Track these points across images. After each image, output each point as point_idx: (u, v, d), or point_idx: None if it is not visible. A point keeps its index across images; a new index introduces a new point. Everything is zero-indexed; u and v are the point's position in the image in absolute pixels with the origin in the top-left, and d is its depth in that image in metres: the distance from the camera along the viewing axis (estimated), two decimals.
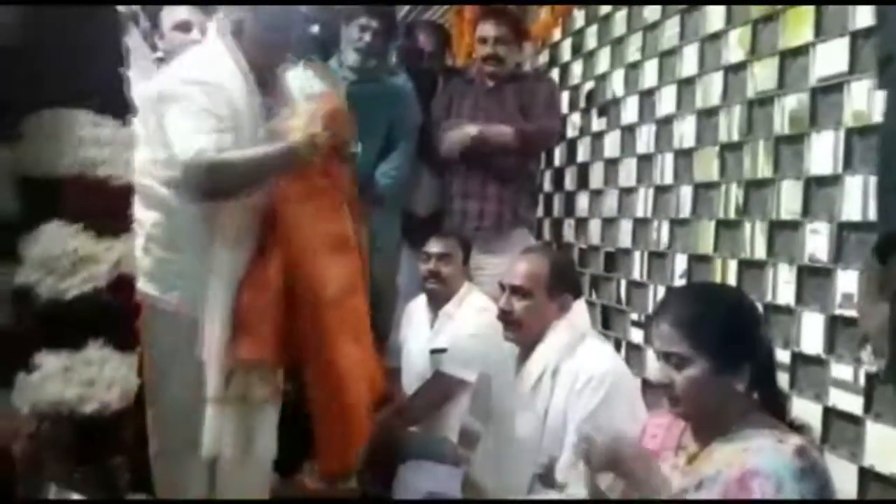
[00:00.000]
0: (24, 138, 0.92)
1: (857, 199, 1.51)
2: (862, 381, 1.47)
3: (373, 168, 2.55)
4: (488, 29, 2.63)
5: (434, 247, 2.32)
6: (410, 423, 2.23)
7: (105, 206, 0.96)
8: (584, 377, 1.63)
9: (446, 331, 2.24)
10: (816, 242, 1.61)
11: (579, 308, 1.84)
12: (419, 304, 2.40)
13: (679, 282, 2.10)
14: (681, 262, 2.10)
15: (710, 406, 1.16)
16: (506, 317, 1.79)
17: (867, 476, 1.44)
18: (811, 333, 1.60)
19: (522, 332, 1.76)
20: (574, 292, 1.84)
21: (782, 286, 1.69)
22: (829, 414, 1.54)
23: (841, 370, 1.52)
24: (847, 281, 1.52)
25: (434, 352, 2.23)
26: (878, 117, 1.47)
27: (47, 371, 0.91)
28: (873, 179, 1.46)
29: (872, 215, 1.47)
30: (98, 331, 0.92)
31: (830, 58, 1.58)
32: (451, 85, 2.81)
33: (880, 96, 1.44)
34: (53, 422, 0.90)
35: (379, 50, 2.53)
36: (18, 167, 0.91)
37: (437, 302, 2.31)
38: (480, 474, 1.83)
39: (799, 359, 1.63)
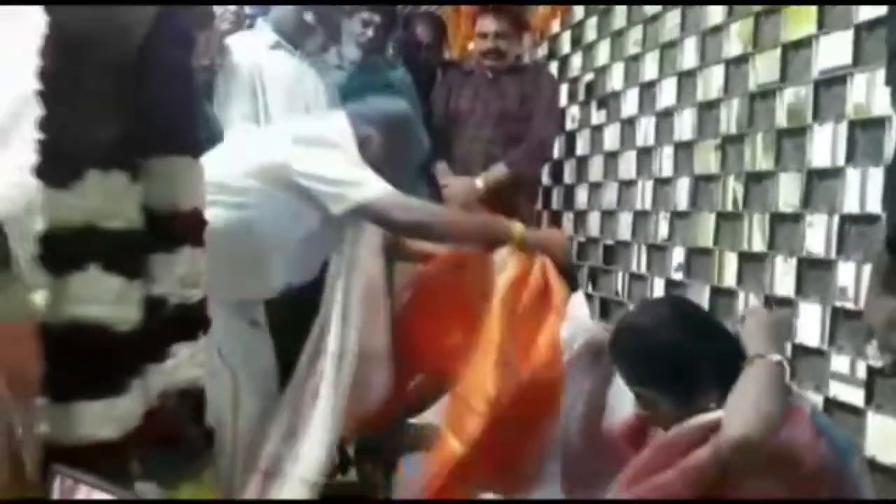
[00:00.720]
0: (149, 178, 1.11)
1: (857, 191, 1.52)
2: (862, 373, 1.48)
3: None
4: (489, 24, 2.62)
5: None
6: (411, 414, 2.23)
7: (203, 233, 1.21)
8: None
9: None
10: (816, 235, 1.62)
11: (578, 301, 1.85)
12: None
13: (676, 275, 2.11)
14: (678, 255, 2.11)
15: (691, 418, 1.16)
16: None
17: (868, 467, 1.45)
18: (811, 325, 1.61)
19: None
20: (571, 285, 1.84)
21: (782, 278, 1.70)
22: (830, 405, 1.55)
23: (841, 362, 1.53)
24: (847, 273, 1.53)
25: None
26: (877, 110, 1.48)
27: (180, 359, 1.16)
28: (873, 172, 1.48)
29: (871, 208, 1.48)
30: (203, 325, 1.21)
31: (833, 50, 1.58)
32: (449, 76, 2.80)
33: (881, 90, 1.46)
34: (180, 397, 1.14)
35: (380, 44, 2.54)
36: (145, 199, 1.10)
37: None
38: None
39: (799, 350, 1.64)
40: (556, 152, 2.89)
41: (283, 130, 1.70)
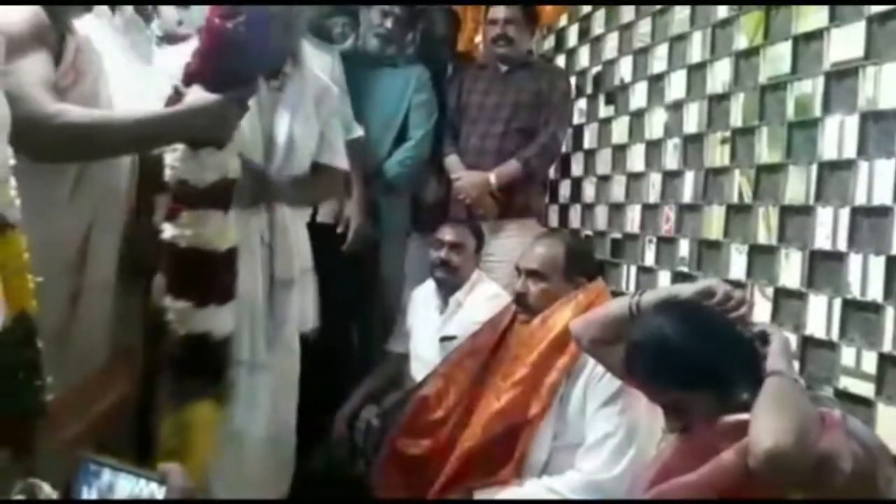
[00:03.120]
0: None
1: (867, 184, 1.52)
2: (872, 365, 1.49)
3: (387, 155, 2.56)
4: (499, 10, 2.63)
5: (447, 235, 2.31)
6: None
7: None
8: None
9: (456, 318, 2.24)
10: (826, 227, 1.62)
11: (597, 291, 1.85)
12: (428, 290, 2.40)
13: (683, 268, 2.11)
14: (684, 248, 2.11)
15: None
16: (520, 299, 1.81)
17: None
18: (820, 318, 1.62)
19: (536, 315, 1.77)
20: (590, 276, 1.85)
21: (792, 271, 1.71)
22: (840, 397, 1.56)
23: (850, 354, 1.54)
24: (857, 265, 1.54)
25: (444, 339, 2.23)
26: (888, 103, 1.48)
27: None
28: (884, 164, 1.48)
29: (881, 200, 1.48)
30: None
31: (845, 43, 1.58)
32: (461, 70, 2.81)
33: (892, 82, 1.46)
34: None
35: (399, 36, 2.54)
36: None
37: (446, 289, 2.31)
38: None
39: (809, 343, 1.65)
40: (564, 146, 2.89)
41: None
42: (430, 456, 1.81)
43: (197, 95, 1.45)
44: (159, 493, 0.77)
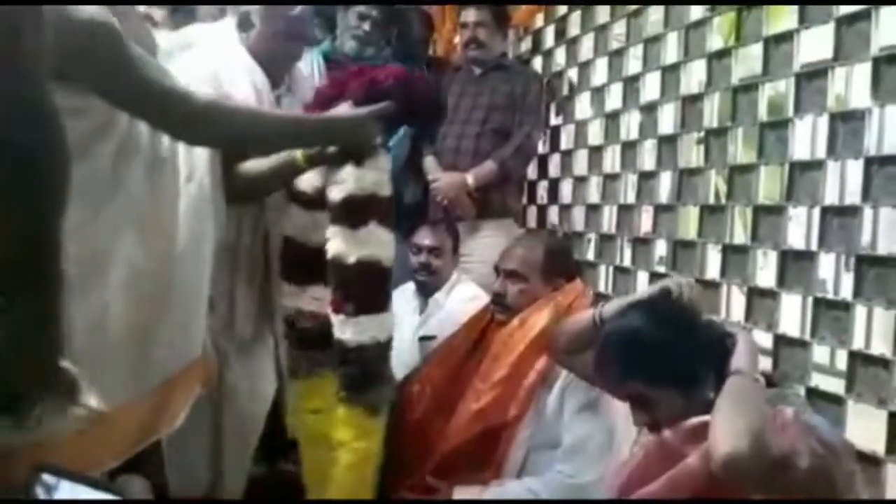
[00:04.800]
0: None
1: (838, 183, 1.54)
2: (843, 363, 1.51)
3: None
4: (469, 14, 2.66)
5: (425, 240, 2.32)
6: None
7: None
8: None
9: (435, 319, 2.25)
10: (798, 227, 1.64)
11: (576, 292, 1.85)
12: (407, 290, 2.40)
13: (659, 268, 2.12)
14: (660, 248, 2.13)
15: (689, 417, 1.17)
16: (499, 299, 1.81)
17: None
18: (793, 316, 1.63)
19: (514, 315, 1.77)
20: (569, 278, 1.86)
21: (764, 270, 1.72)
22: (812, 395, 1.57)
23: (822, 352, 1.56)
24: (828, 264, 1.55)
25: (423, 339, 2.23)
26: (856, 103, 1.50)
27: None
28: (852, 164, 1.50)
29: (850, 200, 1.50)
30: None
31: (814, 44, 1.60)
32: (436, 72, 2.81)
33: (860, 82, 1.48)
34: None
35: (376, 38, 2.54)
36: None
37: (426, 290, 2.33)
38: None
39: (782, 341, 1.66)
40: (542, 147, 2.90)
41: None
42: (410, 457, 1.80)
43: (344, 108, 1.54)
44: None
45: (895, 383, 1.38)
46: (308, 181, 1.62)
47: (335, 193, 1.51)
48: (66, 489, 0.72)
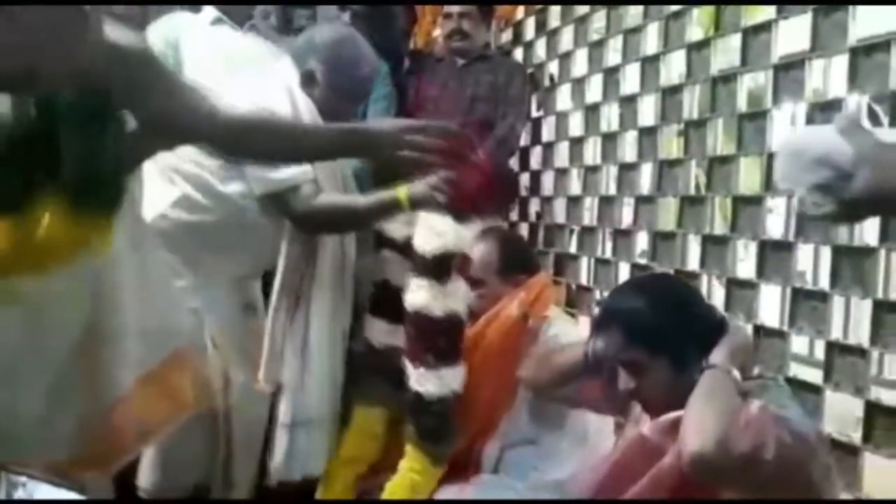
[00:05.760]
0: None
1: None
2: (821, 352, 1.52)
3: None
4: (453, 5, 2.61)
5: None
6: None
7: None
8: None
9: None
10: (776, 218, 1.64)
11: (540, 285, 1.84)
12: None
13: (640, 260, 2.12)
14: (642, 241, 2.13)
15: (675, 399, 1.17)
16: None
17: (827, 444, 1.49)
18: (772, 307, 1.64)
19: (478, 318, 1.75)
20: (528, 271, 1.84)
21: (744, 261, 1.73)
22: (790, 384, 1.58)
23: (801, 342, 1.56)
24: (806, 255, 1.56)
25: None
26: (833, 94, 1.50)
27: None
28: None
29: None
30: None
31: (792, 35, 1.60)
32: (418, 64, 2.78)
33: (837, 74, 1.48)
34: None
35: (358, 30, 2.51)
36: None
37: None
38: None
39: (761, 331, 1.67)
40: (523, 139, 2.89)
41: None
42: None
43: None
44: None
45: (873, 372, 1.39)
46: (399, 230, 1.66)
47: (429, 245, 1.53)
48: (28, 485, 0.71)
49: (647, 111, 2.14)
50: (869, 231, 1.42)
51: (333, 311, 1.72)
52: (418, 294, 1.53)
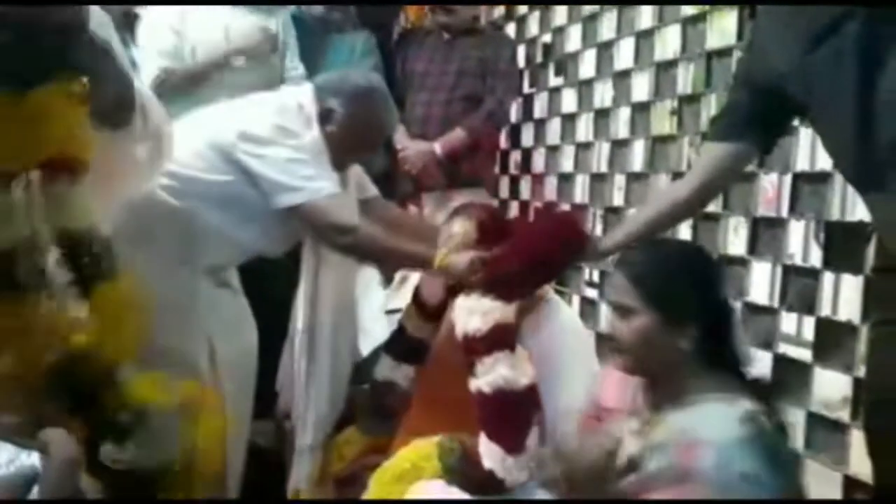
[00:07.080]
0: None
1: (809, 150, 1.53)
2: (810, 331, 1.51)
3: None
4: (453, 5, 2.56)
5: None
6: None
7: None
8: None
9: (402, 292, 2.21)
10: (768, 194, 1.63)
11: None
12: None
13: None
14: None
15: (654, 361, 1.14)
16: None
17: (814, 419, 1.49)
18: (762, 284, 1.63)
19: None
20: None
21: (735, 238, 1.72)
22: (780, 361, 1.58)
23: (790, 320, 1.56)
24: (798, 231, 1.55)
25: (390, 312, 2.20)
26: None
27: None
28: None
29: (822, 165, 1.49)
30: None
31: None
32: (405, 38, 2.74)
33: None
34: None
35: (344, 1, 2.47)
36: None
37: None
38: None
39: (750, 308, 1.66)
40: (515, 115, 2.86)
41: (231, 117, 1.61)
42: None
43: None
44: (39, 462, 0.73)
45: (861, 350, 1.38)
46: (434, 294, 1.64)
47: (483, 323, 1.37)
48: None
49: (641, 87, 2.11)
50: (861, 208, 1.41)
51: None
52: (496, 372, 1.36)
